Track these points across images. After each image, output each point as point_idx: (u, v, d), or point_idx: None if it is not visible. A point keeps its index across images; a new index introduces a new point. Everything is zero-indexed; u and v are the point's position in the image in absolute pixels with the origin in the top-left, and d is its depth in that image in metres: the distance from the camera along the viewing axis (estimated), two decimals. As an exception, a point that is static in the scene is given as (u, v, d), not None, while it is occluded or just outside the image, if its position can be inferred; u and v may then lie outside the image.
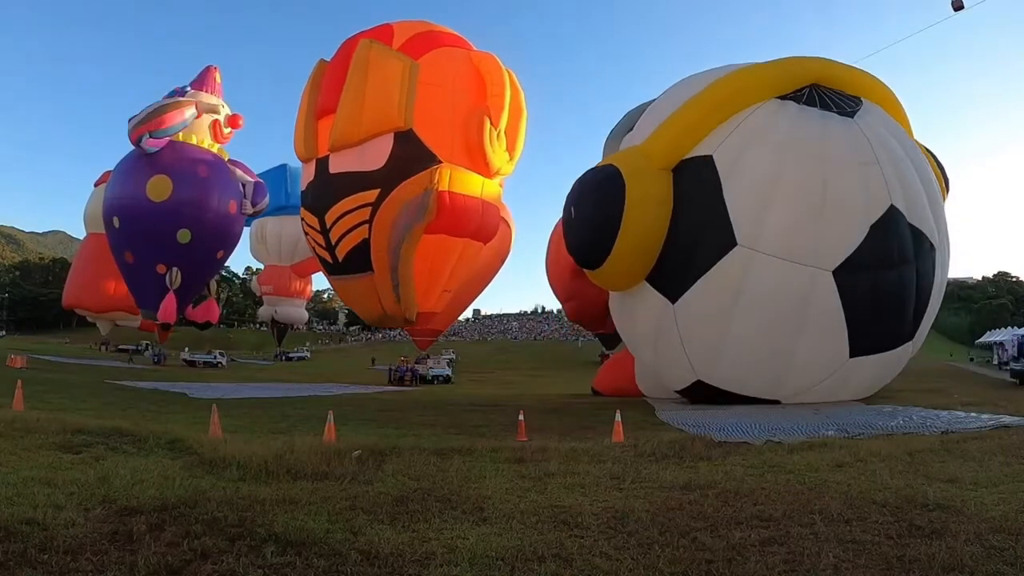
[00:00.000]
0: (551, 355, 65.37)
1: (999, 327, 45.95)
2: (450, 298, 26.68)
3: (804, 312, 13.26)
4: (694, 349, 14.39)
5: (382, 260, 22.67)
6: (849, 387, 14.88)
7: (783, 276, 13.11)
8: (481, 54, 24.53)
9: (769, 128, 13.78)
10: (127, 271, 33.61)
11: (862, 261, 13.22)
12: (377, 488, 6.06)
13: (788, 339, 13.49)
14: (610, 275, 15.28)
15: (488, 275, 29.47)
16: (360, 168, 22.23)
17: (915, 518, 5.03)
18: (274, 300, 54.56)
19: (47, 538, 4.11)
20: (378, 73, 21.96)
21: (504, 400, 22.00)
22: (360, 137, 22.05)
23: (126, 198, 31.77)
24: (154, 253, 32.08)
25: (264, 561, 3.95)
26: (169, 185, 31.50)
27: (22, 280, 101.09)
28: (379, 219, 22.33)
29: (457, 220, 23.36)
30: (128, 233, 31.97)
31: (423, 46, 23.28)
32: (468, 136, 23.04)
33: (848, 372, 14.35)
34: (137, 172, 31.94)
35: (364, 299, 24.28)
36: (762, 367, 14.00)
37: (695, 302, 13.83)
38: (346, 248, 22.95)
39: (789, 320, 13.31)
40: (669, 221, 14.02)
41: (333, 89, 22.90)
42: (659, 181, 14.09)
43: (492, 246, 26.30)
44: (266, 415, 14.54)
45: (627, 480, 6.63)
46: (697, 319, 13.99)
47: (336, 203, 22.64)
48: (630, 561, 4.11)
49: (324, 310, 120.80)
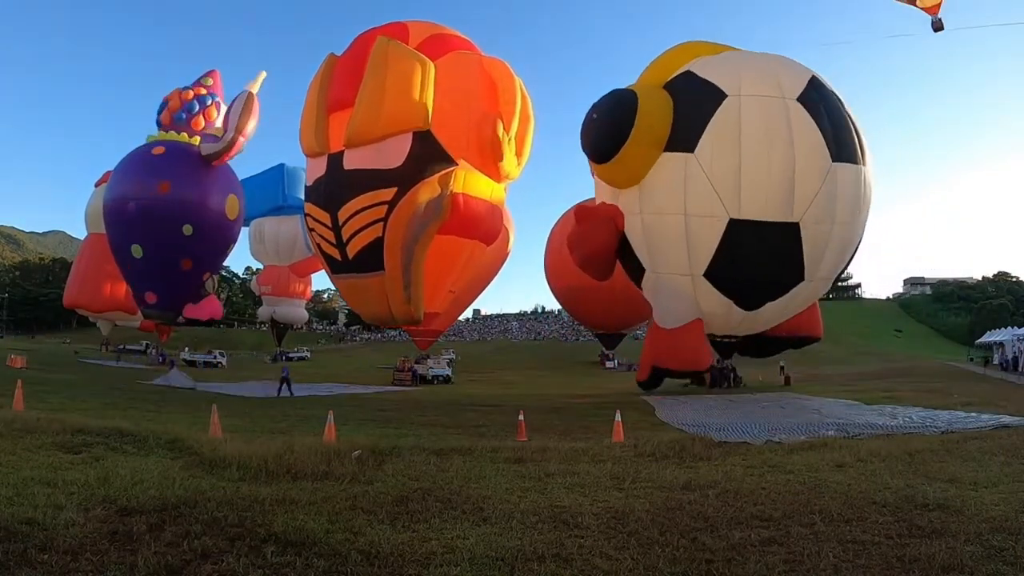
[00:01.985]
0: (551, 355, 65.29)
1: (999, 327, 45.89)
2: (453, 299, 26.71)
3: (788, 129, 17.95)
4: (721, 185, 17.91)
5: (395, 259, 22.54)
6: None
7: (767, 110, 18.11)
8: (492, 60, 24.58)
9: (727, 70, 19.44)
10: (173, 276, 32.80)
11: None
12: (377, 488, 6.06)
13: (786, 160, 17.70)
14: (624, 160, 19.09)
15: (489, 277, 29.49)
16: (377, 165, 21.98)
17: (915, 518, 5.03)
18: (273, 300, 54.15)
19: (47, 538, 4.11)
20: (398, 71, 21.77)
21: (504, 400, 22.00)
22: (379, 134, 21.82)
23: (209, 211, 31.32)
24: (211, 263, 33.20)
25: (264, 561, 3.95)
26: (237, 205, 32.76)
27: (22, 280, 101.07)
28: (395, 217, 22.09)
29: (468, 222, 23.38)
30: (199, 243, 31.37)
31: (438, 48, 23.24)
32: (481, 140, 23.04)
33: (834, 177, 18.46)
34: (218, 188, 31.83)
35: (371, 298, 24.08)
36: (773, 189, 17.73)
37: (708, 145, 17.97)
38: (358, 246, 22.70)
39: (779, 136, 17.80)
40: (671, 119, 18.68)
41: (347, 84, 22.62)
42: (658, 92, 19.44)
43: (493, 248, 26.32)
44: (266, 415, 14.56)
45: (627, 480, 6.63)
46: (715, 157, 17.89)
47: (351, 199, 22.35)
48: (630, 561, 4.11)
49: (324, 310, 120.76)
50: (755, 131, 17.84)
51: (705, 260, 18.75)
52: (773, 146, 17.75)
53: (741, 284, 18.98)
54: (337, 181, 22.74)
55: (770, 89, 18.46)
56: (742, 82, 18.58)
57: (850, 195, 18.56)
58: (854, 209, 18.86)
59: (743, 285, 19.01)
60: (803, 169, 17.74)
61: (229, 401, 18.55)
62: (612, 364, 50.66)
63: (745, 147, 17.75)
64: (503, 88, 23.87)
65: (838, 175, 18.09)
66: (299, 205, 47.38)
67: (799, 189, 17.81)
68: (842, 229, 18.71)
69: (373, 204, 22.17)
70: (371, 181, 22.09)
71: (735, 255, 18.30)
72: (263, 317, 58.50)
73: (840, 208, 18.34)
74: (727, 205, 17.91)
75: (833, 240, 18.61)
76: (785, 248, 18.20)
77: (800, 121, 17.99)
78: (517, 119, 24.08)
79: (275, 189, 43.85)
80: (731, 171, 17.80)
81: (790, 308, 20.18)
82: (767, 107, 18.13)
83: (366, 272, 23.04)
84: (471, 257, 24.93)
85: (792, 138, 17.78)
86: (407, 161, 21.96)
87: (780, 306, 19.69)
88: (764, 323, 20.73)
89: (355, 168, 22.31)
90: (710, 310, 19.83)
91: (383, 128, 21.80)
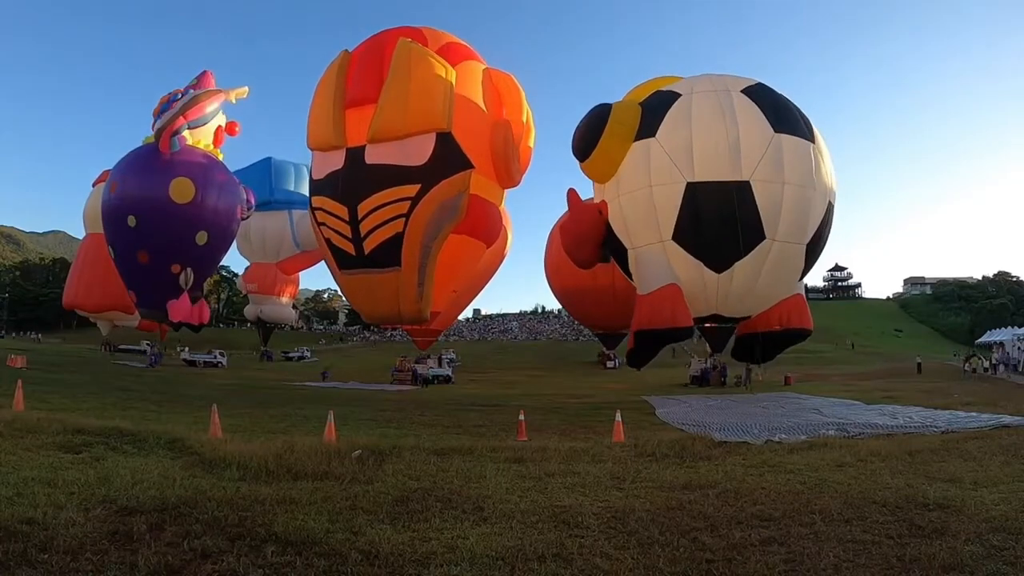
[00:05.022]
0: (551, 355, 65.29)
1: (999, 327, 45.89)
2: (455, 298, 26.85)
3: (732, 108, 20.76)
4: (676, 156, 20.72)
5: (413, 256, 22.79)
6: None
7: (713, 98, 21.28)
8: (500, 73, 25.52)
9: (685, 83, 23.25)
10: (136, 270, 33.27)
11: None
12: (377, 488, 6.05)
13: (731, 131, 20.37)
14: (600, 154, 22.14)
15: (488, 276, 29.66)
16: (402, 162, 22.27)
17: (915, 518, 5.03)
18: (260, 299, 52.81)
19: (47, 538, 4.11)
20: (421, 73, 22.39)
21: (504, 400, 22.02)
22: (404, 132, 22.15)
23: (147, 198, 31.46)
24: (173, 253, 32.15)
25: (264, 561, 3.94)
26: (192, 188, 31.47)
27: (22, 280, 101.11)
28: (416, 215, 22.40)
29: (480, 224, 23.96)
30: (146, 233, 31.75)
31: (455, 56, 23.94)
32: (493, 146, 23.80)
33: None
34: (157, 172, 31.65)
35: (381, 295, 24.13)
36: (721, 155, 20.34)
37: (665, 129, 21.13)
38: (377, 241, 22.79)
39: (725, 113, 20.60)
40: (637, 126, 21.83)
41: (366, 80, 22.94)
42: (632, 104, 22.71)
43: (492, 249, 26.63)
44: (266, 415, 14.55)
45: (627, 480, 6.63)
46: (671, 136, 21.02)
47: (373, 194, 22.54)
48: (630, 561, 4.11)
49: (324, 310, 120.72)
50: (703, 112, 21.04)
51: (671, 224, 21.00)
52: (719, 120, 20.74)
53: (706, 244, 20.79)
54: (358, 175, 22.83)
55: (717, 86, 22.05)
56: (695, 86, 22.35)
57: (797, 162, 20.54)
58: (805, 175, 20.68)
59: (708, 244, 20.78)
60: (747, 136, 20.37)
61: (229, 401, 18.54)
62: (612, 364, 50.63)
63: (695, 124, 20.93)
64: (509, 100, 24.99)
65: (783, 143, 20.43)
66: (286, 200, 47.29)
67: (745, 153, 20.26)
68: (795, 191, 20.41)
69: (396, 200, 22.43)
70: (395, 177, 22.36)
71: (697, 215, 20.58)
72: (249, 316, 56.26)
73: (789, 172, 20.34)
74: (683, 171, 20.59)
75: (787, 200, 20.29)
76: (740, 204, 20.17)
77: (743, 103, 21.00)
78: (522, 130, 25.17)
79: (262, 184, 42.75)
80: (684, 143, 20.72)
81: (764, 276, 21.15)
82: (714, 96, 21.57)
83: (382, 268, 23.19)
84: (475, 257, 25.29)
85: (736, 115, 20.73)
86: (431, 160, 22.38)
87: (751, 268, 20.88)
88: (741, 292, 21.56)
89: (378, 163, 22.51)
90: (685, 276, 21.47)
91: (409, 126, 22.18)
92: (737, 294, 21.58)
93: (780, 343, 23.64)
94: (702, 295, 21.83)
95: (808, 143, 21.01)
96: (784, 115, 21.07)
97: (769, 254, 20.61)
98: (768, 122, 20.54)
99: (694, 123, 20.98)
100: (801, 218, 20.74)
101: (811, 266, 22.78)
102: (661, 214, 21.02)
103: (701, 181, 20.36)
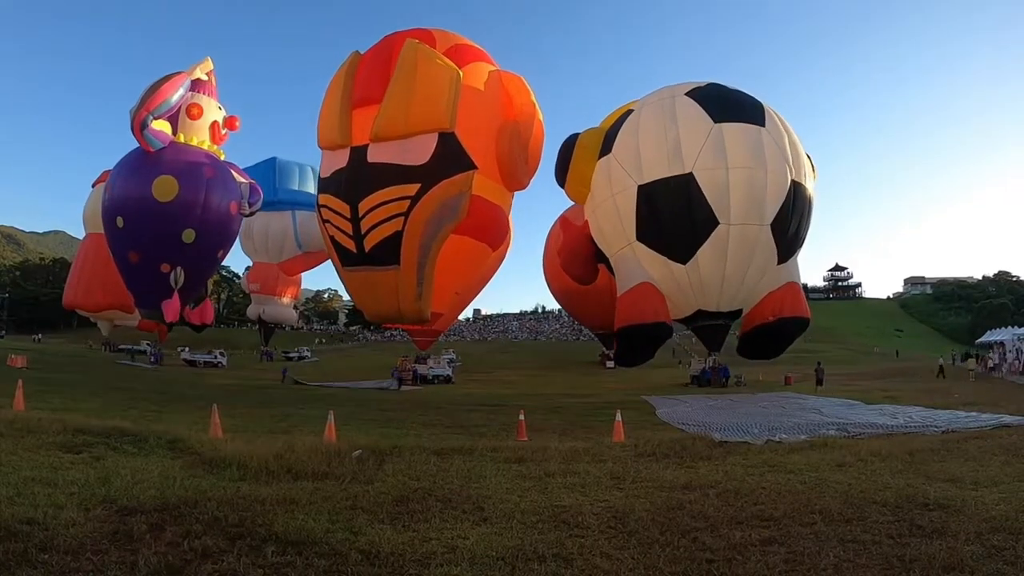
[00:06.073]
0: (551, 355, 65.21)
1: (999, 327, 45.82)
2: (456, 300, 26.88)
3: (673, 110, 22.40)
4: (627, 164, 22.56)
5: (412, 255, 22.89)
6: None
7: (658, 107, 23.18)
8: (509, 75, 25.62)
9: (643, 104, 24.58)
10: (129, 271, 33.43)
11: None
12: (377, 488, 6.05)
13: (671, 131, 21.83)
14: (574, 177, 24.41)
15: (488, 278, 29.66)
16: (402, 161, 22.47)
17: (916, 518, 5.03)
18: (262, 299, 52.93)
19: (48, 538, 4.11)
20: (427, 73, 22.50)
21: (504, 400, 22.02)
22: (406, 131, 22.36)
23: (131, 198, 31.52)
24: (160, 253, 31.96)
25: (264, 561, 3.94)
26: (175, 185, 31.33)
27: (22, 280, 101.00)
28: (415, 214, 22.58)
29: (483, 225, 24.11)
30: (133, 233, 31.80)
31: (462, 58, 24.03)
32: (500, 148, 23.93)
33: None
34: (141, 172, 31.68)
35: (381, 294, 24.23)
36: (663, 154, 21.81)
37: (619, 143, 23.10)
38: (376, 239, 22.98)
39: (665, 116, 22.39)
40: (599, 148, 23.91)
41: (373, 81, 23.15)
42: (596, 132, 24.91)
43: (496, 252, 26.70)
44: (266, 415, 14.55)
45: (627, 480, 6.63)
46: (622, 147, 22.91)
47: (373, 192, 22.77)
48: (630, 561, 4.11)
49: (324, 310, 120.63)
50: (648, 121, 22.66)
51: (632, 226, 22.41)
52: (661, 124, 22.19)
53: (665, 238, 21.94)
54: (360, 173, 23.17)
55: (664, 95, 23.44)
56: (647, 99, 23.90)
57: (741, 147, 21.20)
58: (752, 159, 21.21)
59: (667, 238, 21.92)
60: (686, 132, 21.45)
61: (230, 401, 18.54)
62: (613, 364, 50.61)
63: (642, 133, 22.60)
64: (519, 102, 25.15)
65: (724, 132, 21.21)
66: (290, 200, 47.35)
67: (685, 148, 21.35)
68: (742, 173, 21.01)
69: (396, 198, 22.69)
70: (395, 175, 22.65)
71: (652, 213, 21.85)
72: (251, 316, 56.91)
73: (732, 156, 20.97)
74: (633, 176, 22.15)
75: (733, 183, 20.93)
76: (687, 195, 21.07)
77: (683, 104, 22.31)
78: (531, 132, 25.31)
79: (265, 184, 43.21)
80: (633, 152, 22.41)
81: (732, 262, 21.62)
82: (659, 104, 23.13)
83: (381, 265, 23.30)
84: (478, 260, 25.35)
85: (676, 115, 22.06)
86: (432, 160, 22.62)
87: (713, 255, 21.52)
88: (716, 283, 22.08)
89: (380, 162, 22.77)
90: (656, 273, 22.53)
91: (411, 125, 22.46)
92: (713, 285, 22.09)
93: (780, 336, 23.45)
94: (677, 291, 22.68)
95: (756, 127, 21.74)
96: (728, 106, 22.06)
97: (729, 239, 21.26)
98: (708, 116, 21.59)
99: (640, 132, 22.63)
100: (754, 199, 21.18)
101: (790, 249, 22.70)
102: (624, 219, 22.62)
103: (648, 182, 21.76)
